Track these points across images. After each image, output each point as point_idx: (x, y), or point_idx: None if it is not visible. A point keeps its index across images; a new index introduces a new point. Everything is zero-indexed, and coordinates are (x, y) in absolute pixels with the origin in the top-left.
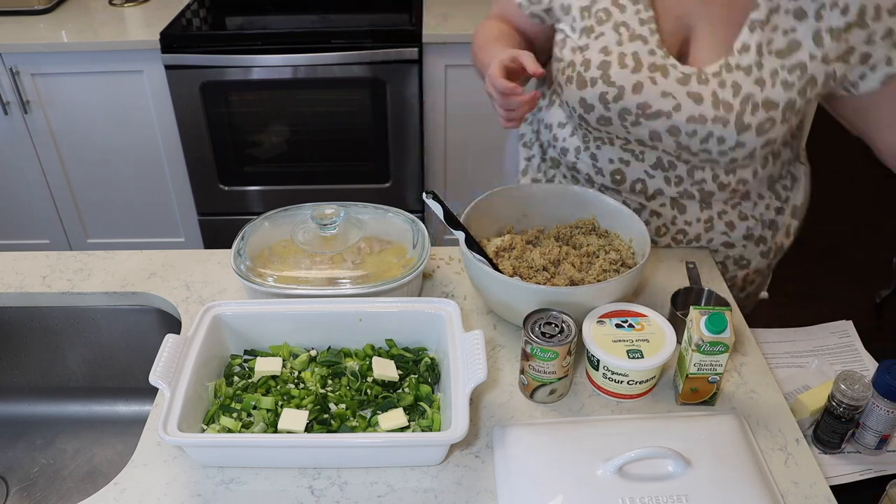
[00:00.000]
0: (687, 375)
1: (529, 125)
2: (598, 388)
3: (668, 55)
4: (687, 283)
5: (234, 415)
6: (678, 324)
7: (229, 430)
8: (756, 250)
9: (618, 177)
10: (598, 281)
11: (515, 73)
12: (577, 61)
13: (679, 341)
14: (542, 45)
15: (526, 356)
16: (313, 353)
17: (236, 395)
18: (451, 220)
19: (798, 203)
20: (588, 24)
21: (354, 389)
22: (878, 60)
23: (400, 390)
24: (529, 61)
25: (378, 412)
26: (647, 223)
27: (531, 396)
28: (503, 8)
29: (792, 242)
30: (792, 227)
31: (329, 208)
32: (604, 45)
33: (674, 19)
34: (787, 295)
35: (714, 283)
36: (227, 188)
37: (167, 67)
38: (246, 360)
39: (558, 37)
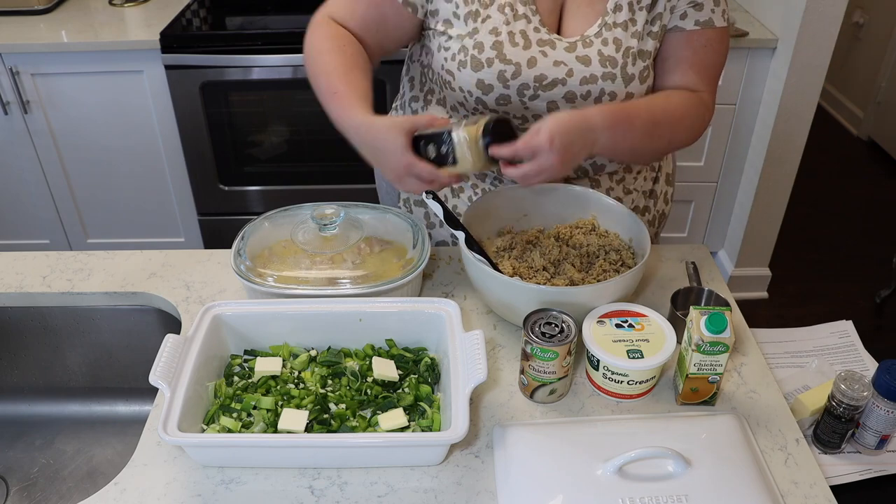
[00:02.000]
0: (687, 375)
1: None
2: (598, 388)
3: (550, 31)
4: (687, 283)
5: (234, 415)
6: (678, 324)
7: (229, 430)
8: (643, 220)
9: None
10: (598, 281)
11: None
12: (469, 45)
13: (679, 341)
14: (387, 41)
15: (526, 356)
16: (313, 353)
17: (236, 395)
18: (451, 220)
19: (669, 171)
20: (473, 9)
21: (354, 389)
22: (678, 11)
23: (400, 390)
24: (432, 120)
25: (378, 412)
26: None
27: (531, 396)
28: (334, 7)
29: (670, 209)
30: (668, 193)
31: (329, 208)
32: (493, 26)
33: None
34: (787, 295)
35: (714, 283)
36: (227, 188)
37: (167, 67)
38: (246, 360)
39: (439, 27)
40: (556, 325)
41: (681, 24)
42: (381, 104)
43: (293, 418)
